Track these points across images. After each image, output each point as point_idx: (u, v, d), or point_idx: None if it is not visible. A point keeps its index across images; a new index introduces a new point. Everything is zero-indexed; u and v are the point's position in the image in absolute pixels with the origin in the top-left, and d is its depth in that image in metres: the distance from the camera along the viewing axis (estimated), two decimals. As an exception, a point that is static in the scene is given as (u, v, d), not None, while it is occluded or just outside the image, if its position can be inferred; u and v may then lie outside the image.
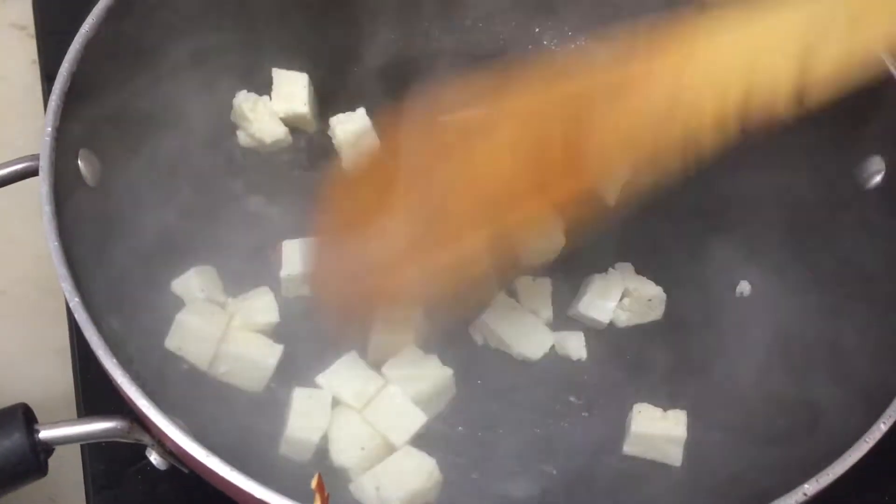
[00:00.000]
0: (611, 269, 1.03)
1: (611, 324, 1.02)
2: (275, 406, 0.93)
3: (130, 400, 0.73)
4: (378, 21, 1.14)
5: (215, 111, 1.06)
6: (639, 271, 1.03)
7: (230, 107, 1.07)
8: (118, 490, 0.92)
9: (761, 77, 0.76)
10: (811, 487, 0.72)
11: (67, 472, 0.94)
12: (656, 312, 1.02)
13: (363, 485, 0.87)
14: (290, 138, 1.08)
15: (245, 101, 1.06)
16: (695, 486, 0.90)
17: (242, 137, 1.07)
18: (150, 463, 0.80)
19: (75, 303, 0.75)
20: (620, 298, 1.01)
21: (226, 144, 1.07)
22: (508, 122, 0.86)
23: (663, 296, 1.01)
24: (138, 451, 0.79)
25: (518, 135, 0.85)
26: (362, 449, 0.88)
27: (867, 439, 0.75)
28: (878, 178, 0.97)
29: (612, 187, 0.99)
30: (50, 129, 0.82)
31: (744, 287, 1.04)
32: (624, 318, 1.02)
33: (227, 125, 1.07)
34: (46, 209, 0.79)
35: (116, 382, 0.74)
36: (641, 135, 0.80)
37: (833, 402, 0.87)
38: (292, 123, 1.09)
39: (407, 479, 0.86)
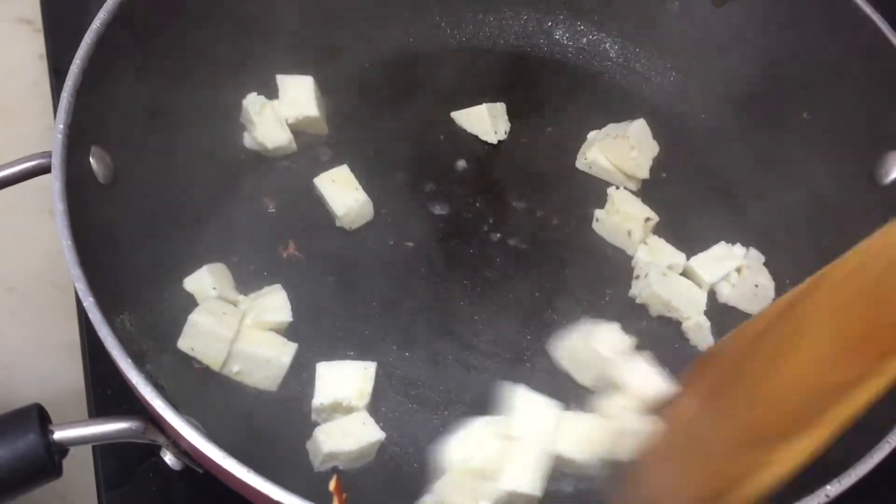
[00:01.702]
0: (739, 245, 1.03)
1: (713, 292, 1.02)
2: (290, 405, 0.92)
3: (145, 400, 0.72)
4: (389, 15, 1.14)
5: (227, 110, 1.05)
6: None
7: (240, 106, 1.05)
8: (129, 488, 0.91)
9: None
10: (833, 489, 0.72)
11: (79, 471, 0.92)
12: (759, 306, 1.00)
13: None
14: (294, 146, 1.07)
15: (253, 103, 1.04)
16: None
17: (247, 140, 1.06)
18: (161, 461, 0.79)
19: (89, 303, 0.74)
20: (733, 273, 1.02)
21: (237, 144, 1.06)
22: (817, 310, 0.80)
23: (772, 293, 1.01)
24: (149, 449, 0.79)
25: (829, 319, 0.78)
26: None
27: (890, 440, 0.74)
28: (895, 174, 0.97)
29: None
30: (62, 126, 0.81)
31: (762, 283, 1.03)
32: (726, 293, 1.02)
33: (238, 125, 1.06)
34: (59, 207, 0.78)
35: (131, 383, 0.73)
36: None
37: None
38: (303, 127, 1.08)
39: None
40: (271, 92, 1.06)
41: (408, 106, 1.11)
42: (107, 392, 0.95)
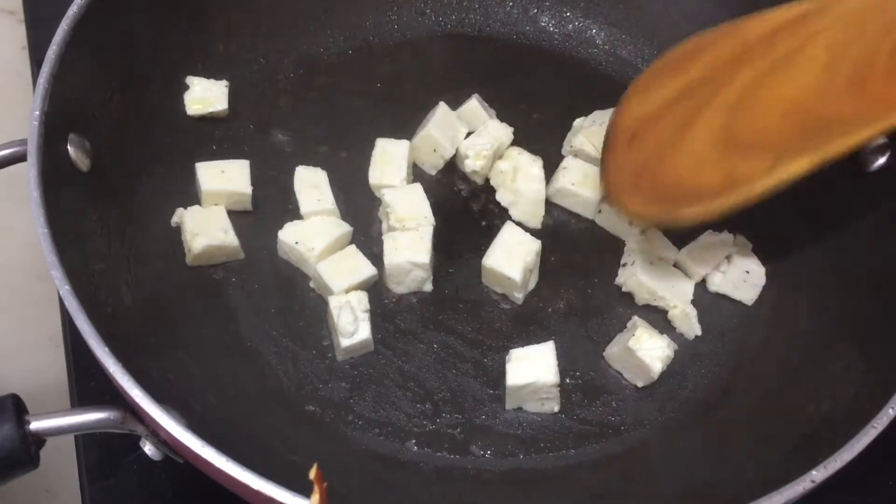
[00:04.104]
0: (726, 232, 1.01)
1: (703, 281, 1.01)
2: (271, 394, 0.92)
3: (123, 390, 0.72)
4: (374, 1, 1.13)
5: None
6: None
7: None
8: (113, 480, 0.91)
9: None
10: (819, 474, 0.71)
11: (62, 463, 0.93)
12: (749, 293, 1.00)
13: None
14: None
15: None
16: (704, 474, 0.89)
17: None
18: (144, 453, 0.79)
19: (65, 290, 0.74)
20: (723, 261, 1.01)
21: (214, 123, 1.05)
22: (824, 25, 0.79)
23: (762, 279, 1.00)
24: (132, 440, 0.78)
25: (835, 40, 0.78)
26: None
27: (875, 425, 0.74)
28: (881, 160, 0.96)
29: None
30: (38, 113, 0.80)
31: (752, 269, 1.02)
32: (717, 281, 1.01)
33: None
34: (34, 195, 0.77)
35: (108, 371, 0.72)
36: None
37: (841, 386, 0.85)
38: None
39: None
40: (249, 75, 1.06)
41: (393, 94, 1.10)
42: (89, 383, 0.95)
